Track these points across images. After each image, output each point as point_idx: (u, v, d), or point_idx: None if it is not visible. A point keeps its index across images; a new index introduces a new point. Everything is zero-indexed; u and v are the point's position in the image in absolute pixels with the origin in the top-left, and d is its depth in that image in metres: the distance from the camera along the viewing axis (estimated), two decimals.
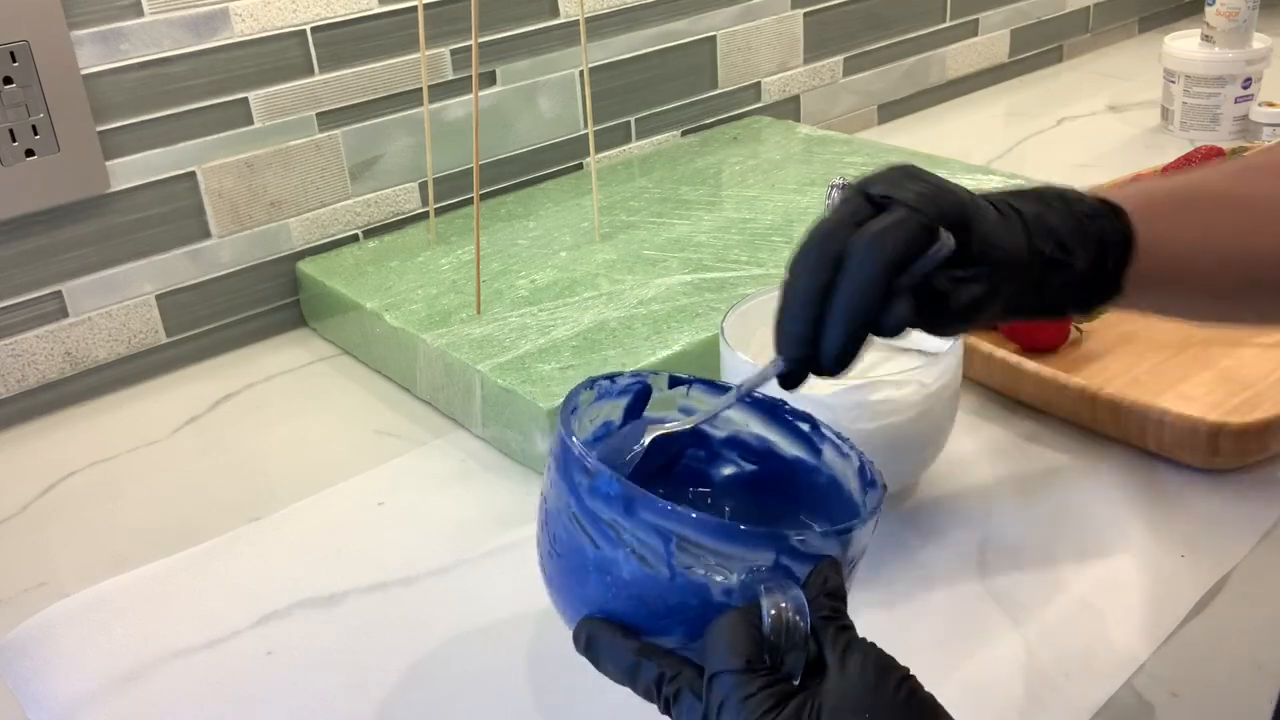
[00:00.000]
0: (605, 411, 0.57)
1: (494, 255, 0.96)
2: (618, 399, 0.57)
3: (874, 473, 0.53)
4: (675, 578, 0.45)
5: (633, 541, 0.45)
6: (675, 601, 0.45)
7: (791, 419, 0.58)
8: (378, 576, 0.68)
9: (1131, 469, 0.73)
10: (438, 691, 0.60)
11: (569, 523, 0.48)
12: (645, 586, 0.46)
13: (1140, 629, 0.61)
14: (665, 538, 0.45)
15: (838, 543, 0.47)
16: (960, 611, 0.63)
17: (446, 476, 0.78)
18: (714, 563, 0.45)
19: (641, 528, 0.45)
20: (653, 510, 0.45)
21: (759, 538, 0.45)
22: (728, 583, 0.45)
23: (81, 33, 0.84)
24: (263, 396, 0.91)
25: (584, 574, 0.47)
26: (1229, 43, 1.24)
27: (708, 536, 0.45)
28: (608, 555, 0.46)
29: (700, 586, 0.45)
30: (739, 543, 0.45)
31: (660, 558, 0.45)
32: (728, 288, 0.88)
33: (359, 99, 1.00)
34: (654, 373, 0.58)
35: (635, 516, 0.45)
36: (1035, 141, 1.31)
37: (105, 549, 0.73)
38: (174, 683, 0.61)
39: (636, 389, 0.57)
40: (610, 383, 0.56)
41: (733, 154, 1.16)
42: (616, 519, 0.46)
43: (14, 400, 0.88)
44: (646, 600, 0.46)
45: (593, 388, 0.55)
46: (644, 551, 0.45)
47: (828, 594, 0.45)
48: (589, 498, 0.46)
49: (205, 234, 0.94)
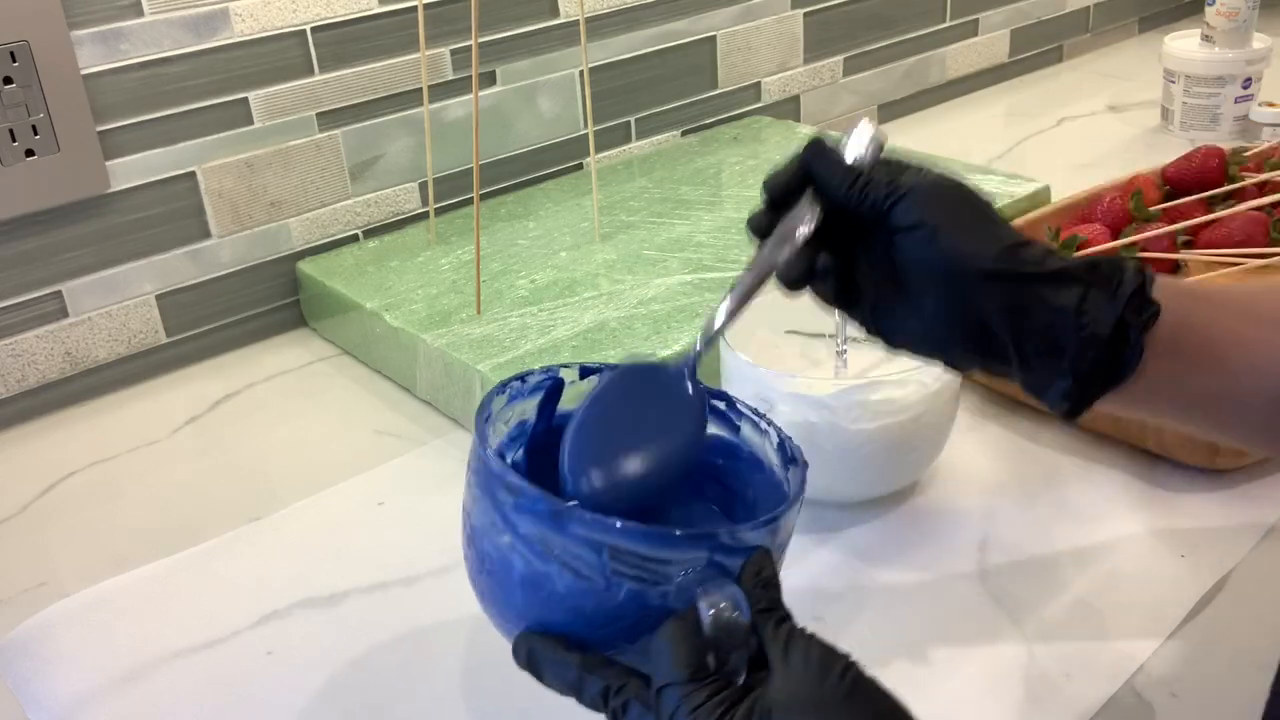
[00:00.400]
0: (519, 411, 0.56)
1: (494, 255, 0.96)
2: (530, 397, 0.57)
3: (794, 449, 0.52)
4: (611, 587, 0.45)
5: (564, 555, 0.45)
6: (613, 609, 0.45)
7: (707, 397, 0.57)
8: (378, 576, 0.68)
9: (1131, 469, 0.73)
10: (438, 691, 0.60)
11: (497, 539, 0.47)
12: (581, 598, 0.45)
13: (1140, 629, 0.61)
14: (597, 549, 0.44)
15: (767, 532, 0.47)
16: (960, 611, 0.63)
17: (446, 476, 0.78)
18: (648, 568, 0.44)
19: (573, 541, 0.45)
20: (581, 523, 0.44)
21: (691, 540, 0.45)
22: (664, 586, 0.45)
23: (81, 33, 0.84)
24: (263, 396, 0.91)
25: (517, 589, 0.47)
26: (1229, 43, 1.24)
27: (641, 544, 0.44)
28: (539, 569, 0.46)
29: (636, 593, 0.45)
30: (671, 546, 0.45)
31: (594, 569, 0.45)
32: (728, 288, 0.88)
33: (359, 99, 1.00)
34: (564, 365, 0.57)
35: (564, 531, 0.45)
36: (1035, 141, 1.31)
37: (105, 549, 0.73)
38: (174, 683, 0.61)
39: (548, 385, 0.57)
40: (521, 383, 0.56)
41: (733, 154, 1.16)
42: (546, 534, 0.45)
43: (14, 400, 0.88)
44: (584, 611, 0.46)
45: (504, 391, 0.55)
46: (576, 564, 0.45)
47: (762, 585, 0.46)
48: (514, 514, 0.46)
49: (205, 234, 0.94)
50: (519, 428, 0.57)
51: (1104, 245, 0.91)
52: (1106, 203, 0.97)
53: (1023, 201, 1.02)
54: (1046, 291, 0.47)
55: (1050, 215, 0.97)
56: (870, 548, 0.68)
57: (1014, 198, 1.02)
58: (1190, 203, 0.98)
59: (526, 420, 0.57)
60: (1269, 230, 0.93)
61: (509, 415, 0.56)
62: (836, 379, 0.67)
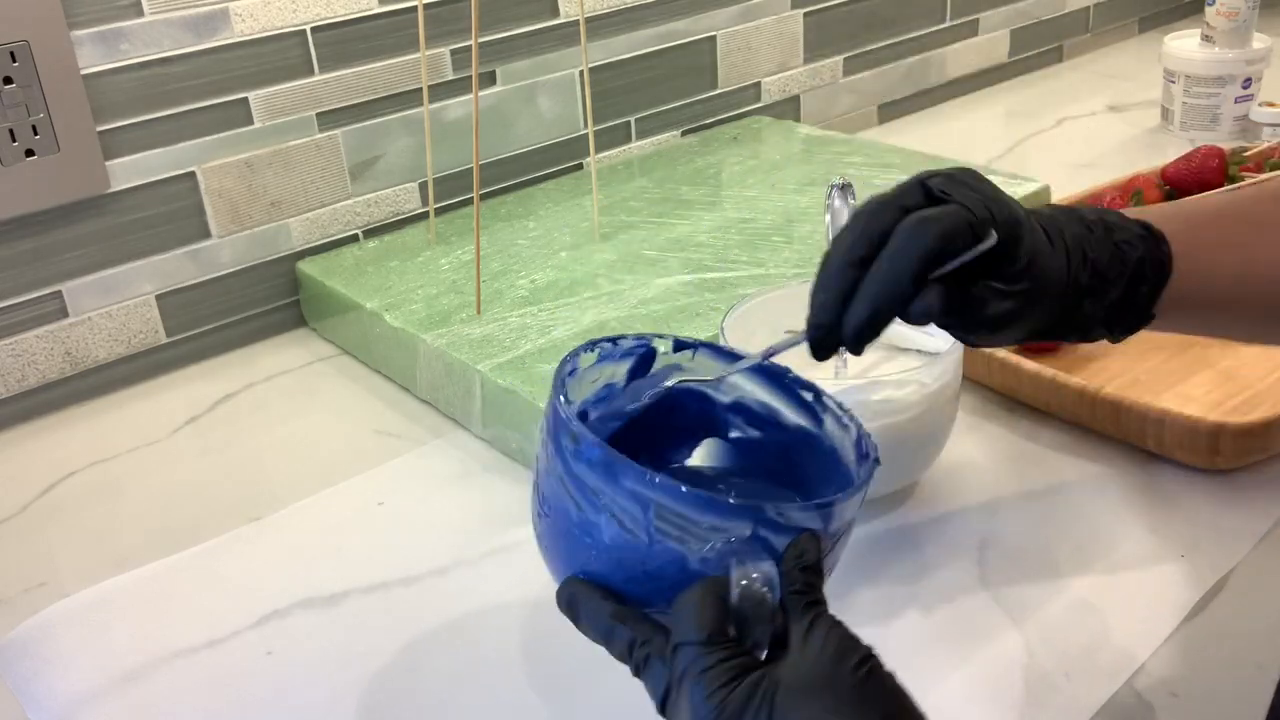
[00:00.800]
0: (607, 374, 0.57)
1: (494, 255, 0.96)
2: (620, 361, 0.57)
3: (869, 445, 0.53)
4: (653, 544, 0.46)
5: (613, 507, 0.46)
6: (653, 567, 0.46)
7: (795, 387, 0.58)
8: (378, 576, 0.68)
9: (1131, 469, 0.73)
10: (438, 691, 0.60)
11: (556, 484, 0.49)
12: (625, 551, 0.46)
13: (1140, 629, 0.61)
14: (644, 505, 0.45)
15: (818, 516, 0.47)
16: (960, 611, 0.63)
17: (446, 476, 0.78)
18: (691, 532, 0.45)
19: (622, 494, 0.46)
20: (632, 478, 0.45)
21: (736, 509, 0.46)
22: (704, 552, 0.45)
23: (81, 33, 0.84)
24: (263, 396, 0.91)
25: (569, 535, 0.48)
26: (1229, 43, 1.24)
27: (686, 506, 0.45)
28: (590, 518, 0.47)
29: (677, 554, 0.45)
30: (716, 513, 0.45)
31: (639, 524, 0.46)
32: (728, 288, 0.88)
33: (359, 99, 1.00)
34: (659, 336, 0.58)
35: (616, 483, 0.46)
36: (1035, 141, 1.31)
37: (105, 549, 0.73)
38: (174, 683, 0.61)
39: (640, 352, 0.57)
40: (613, 345, 0.56)
41: (733, 154, 1.16)
42: (599, 484, 0.46)
43: (14, 400, 0.88)
44: (626, 564, 0.47)
45: (594, 349, 0.56)
46: (624, 517, 0.46)
47: (802, 568, 0.45)
48: (574, 461, 0.47)
49: (205, 234, 0.94)
50: (606, 389, 0.57)
51: None
52: (1106, 203, 0.97)
53: (1023, 202, 1.01)
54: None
55: None
56: (870, 548, 0.68)
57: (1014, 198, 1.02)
58: None
59: (615, 383, 0.58)
60: None
61: (596, 376, 0.57)
62: (836, 379, 0.67)
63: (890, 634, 0.62)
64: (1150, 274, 0.55)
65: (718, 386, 0.59)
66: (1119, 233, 0.55)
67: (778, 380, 0.58)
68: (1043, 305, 0.52)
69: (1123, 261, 0.54)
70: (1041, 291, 0.52)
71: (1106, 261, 0.54)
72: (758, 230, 0.98)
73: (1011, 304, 0.51)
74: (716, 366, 0.58)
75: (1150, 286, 0.55)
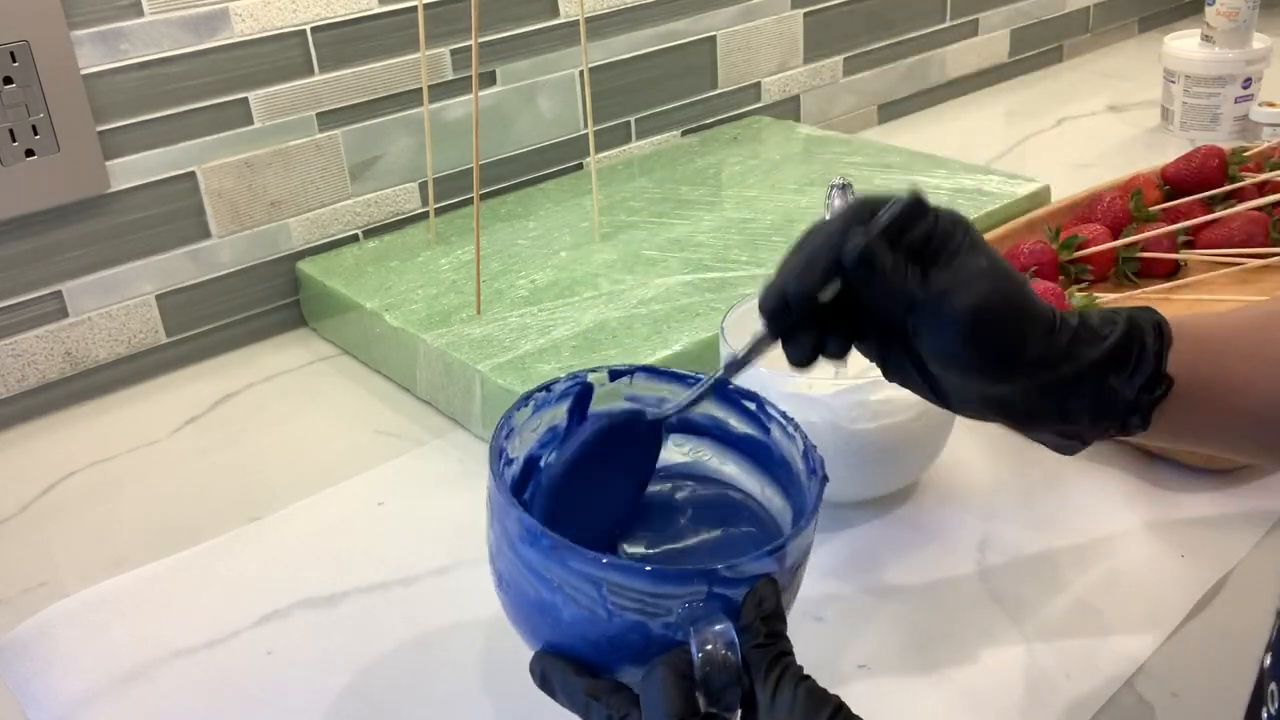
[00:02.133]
0: (548, 419, 0.57)
1: (494, 255, 0.96)
2: (559, 404, 0.57)
3: (815, 460, 0.53)
4: (613, 618, 0.45)
5: (566, 587, 0.46)
6: (617, 638, 0.46)
7: (738, 396, 0.58)
8: (378, 576, 0.68)
9: (1131, 469, 0.73)
10: (438, 691, 0.60)
11: (509, 564, 0.48)
12: (586, 627, 0.46)
13: (1140, 629, 0.61)
14: (596, 585, 0.45)
15: (772, 560, 0.47)
16: (960, 611, 0.63)
17: (446, 476, 0.78)
18: (648, 603, 0.45)
19: (573, 575, 0.45)
20: (581, 560, 0.45)
21: (687, 576, 0.45)
22: (665, 618, 0.45)
23: (81, 33, 0.84)
24: (263, 396, 0.91)
25: (529, 612, 0.48)
26: (1229, 43, 1.24)
27: (637, 581, 0.45)
28: (546, 598, 0.47)
29: (638, 624, 0.45)
30: (669, 583, 0.45)
31: (596, 602, 0.45)
32: (728, 288, 0.88)
33: (359, 99, 1.00)
34: (591, 370, 0.57)
35: (565, 566, 0.46)
36: (1035, 141, 1.31)
37: (105, 549, 0.73)
38: (174, 683, 0.61)
39: (577, 390, 0.57)
40: (547, 392, 0.56)
41: (733, 154, 1.16)
42: (549, 565, 0.46)
43: (14, 400, 0.88)
44: (590, 638, 0.46)
45: (528, 403, 0.56)
46: (579, 596, 0.46)
47: (764, 618, 0.45)
48: (520, 545, 0.47)
49: (205, 234, 0.94)
50: (550, 433, 0.58)
51: (1104, 245, 0.91)
52: (1106, 203, 0.97)
53: (1023, 201, 1.02)
54: (1069, 389, 0.49)
55: (1050, 215, 0.97)
56: (870, 548, 0.68)
57: (1014, 198, 1.02)
58: (1190, 203, 0.98)
59: (558, 425, 0.58)
60: (1269, 230, 0.93)
61: (536, 424, 0.57)
62: (836, 379, 0.67)
63: (890, 634, 0.62)
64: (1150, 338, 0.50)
65: (647, 410, 0.58)
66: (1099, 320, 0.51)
67: (719, 391, 0.58)
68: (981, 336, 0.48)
69: (1112, 321, 0.50)
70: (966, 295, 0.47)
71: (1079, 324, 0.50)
72: (758, 230, 0.98)
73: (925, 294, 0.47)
74: (661, 388, 0.58)
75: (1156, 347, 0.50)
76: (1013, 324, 0.48)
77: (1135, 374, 0.49)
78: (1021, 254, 0.89)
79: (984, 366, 0.48)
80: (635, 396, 0.58)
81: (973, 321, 0.47)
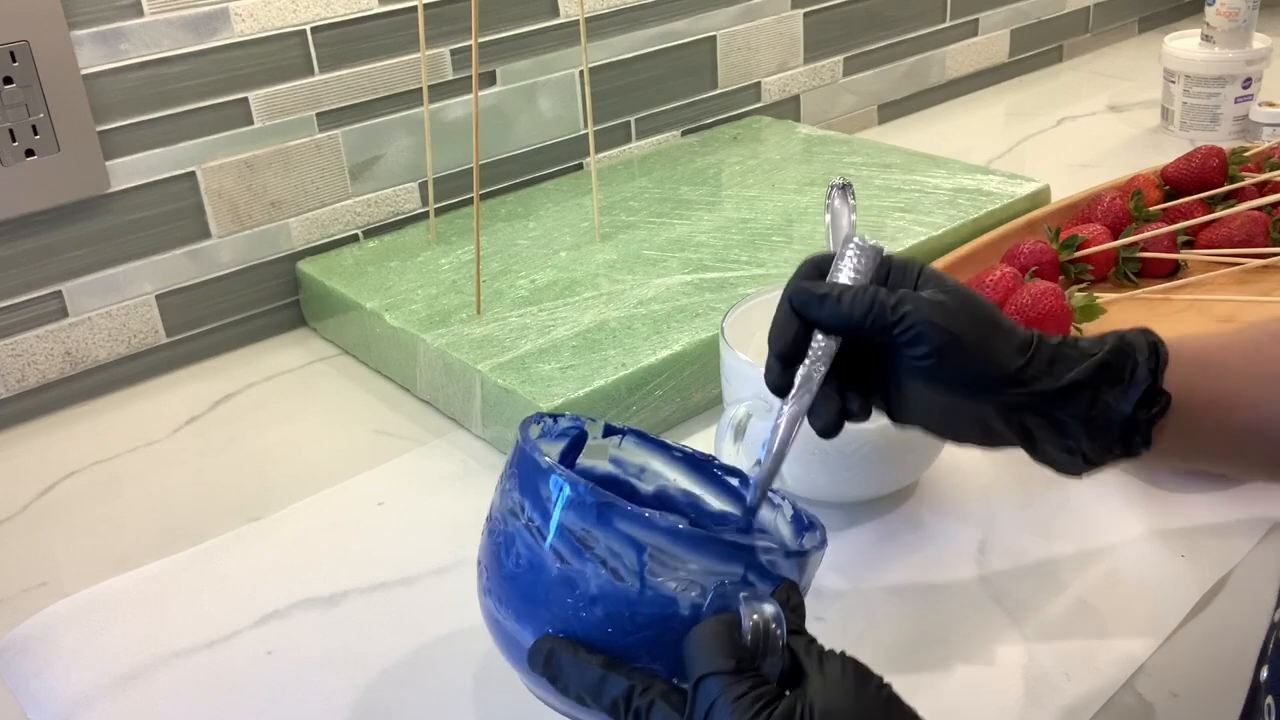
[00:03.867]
0: (544, 452, 0.57)
1: (494, 255, 0.96)
2: (555, 441, 0.57)
3: (809, 516, 0.54)
4: (645, 590, 0.45)
5: (604, 554, 0.46)
6: (642, 616, 0.46)
7: (720, 474, 0.59)
8: (378, 576, 0.68)
9: (1131, 469, 0.73)
10: (438, 691, 0.60)
11: (527, 544, 0.48)
12: (613, 602, 0.46)
13: (1140, 629, 0.61)
14: (639, 548, 0.45)
15: (796, 565, 0.48)
16: (960, 611, 0.63)
17: (446, 476, 0.78)
18: (685, 575, 0.45)
19: (615, 538, 0.45)
20: (628, 519, 0.45)
21: (730, 549, 0.46)
22: (695, 598, 0.45)
23: (81, 33, 0.84)
24: (263, 396, 0.91)
25: (546, 593, 0.47)
26: (1229, 43, 1.24)
27: (682, 546, 0.45)
28: (575, 569, 0.46)
29: (669, 600, 0.45)
30: (711, 554, 0.45)
31: (632, 570, 0.45)
32: (728, 288, 0.88)
33: (359, 99, 1.00)
34: (590, 420, 0.58)
35: (609, 526, 0.45)
36: (1035, 141, 1.31)
37: (105, 549, 0.73)
38: (174, 683, 0.61)
39: (573, 434, 0.58)
40: (553, 422, 0.57)
41: (733, 154, 1.16)
42: (589, 530, 0.46)
43: (14, 400, 0.88)
44: (612, 616, 0.46)
45: (539, 422, 0.56)
46: (615, 564, 0.45)
47: (792, 609, 0.46)
48: (563, 510, 0.46)
49: (205, 234, 0.94)
50: None
51: (1104, 245, 0.91)
52: (1106, 203, 0.97)
53: (1023, 201, 1.02)
54: (1057, 406, 0.51)
55: (1050, 215, 0.97)
56: (870, 548, 0.68)
57: (1014, 198, 1.02)
58: (1190, 203, 0.98)
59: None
60: (1269, 230, 0.93)
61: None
62: None
63: (890, 634, 0.62)
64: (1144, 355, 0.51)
65: (630, 481, 0.59)
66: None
67: (702, 468, 0.59)
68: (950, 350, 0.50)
69: (1102, 341, 0.52)
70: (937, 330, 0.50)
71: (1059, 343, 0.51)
72: (758, 230, 0.98)
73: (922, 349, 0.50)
74: (648, 456, 0.58)
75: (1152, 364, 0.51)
76: (983, 334, 0.50)
77: (1130, 389, 0.50)
78: (1021, 254, 0.89)
79: (965, 380, 0.51)
80: (619, 460, 0.59)
81: (943, 333, 0.50)
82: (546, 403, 0.74)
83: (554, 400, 0.75)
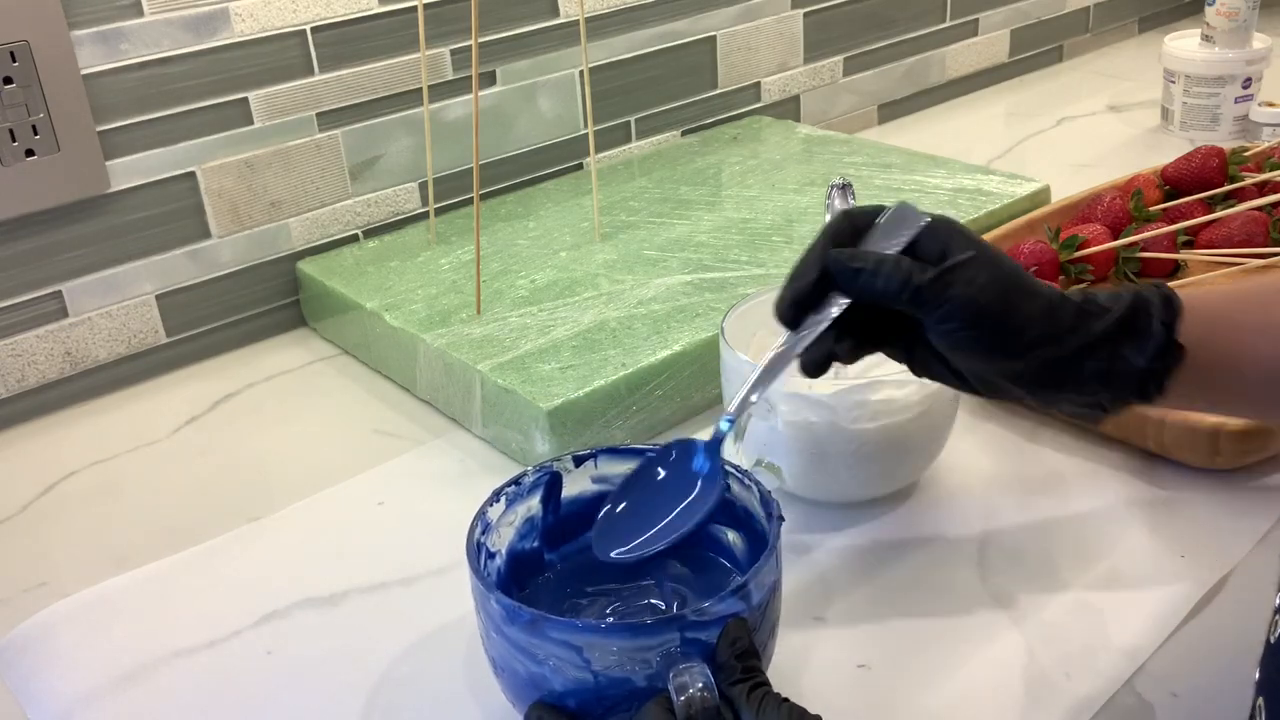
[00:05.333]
0: (522, 512, 0.60)
1: (494, 255, 0.96)
2: (531, 495, 0.59)
3: (772, 503, 0.55)
4: (599, 678, 0.48)
5: (552, 657, 0.49)
6: (608, 697, 0.49)
7: (679, 452, 0.59)
8: (378, 576, 0.68)
9: (1131, 469, 0.73)
10: (437, 691, 0.60)
11: (498, 646, 0.51)
12: (578, 692, 0.49)
13: (1140, 629, 0.61)
14: (577, 649, 0.48)
15: (737, 600, 0.50)
16: (960, 611, 0.63)
17: (446, 476, 0.78)
18: (627, 658, 0.48)
19: (555, 645, 0.49)
20: (559, 628, 0.49)
21: (657, 628, 0.49)
22: (647, 670, 0.48)
23: (81, 33, 0.84)
24: (263, 396, 0.91)
25: (524, 686, 0.51)
26: (1229, 43, 1.24)
27: (613, 638, 0.49)
28: (535, 671, 0.50)
29: (624, 680, 0.48)
30: (641, 635, 0.48)
31: (580, 666, 0.49)
32: (728, 288, 0.88)
33: (359, 99, 1.00)
34: (555, 459, 0.60)
35: (544, 636, 0.49)
36: (1035, 141, 1.31)
37: (105, 549, 0.73)
38: (174, 683, 0.61)
39: (546, 480, 0.60)
40: (516, 486, 0.59)
41: (733, 154, 1.16)
42: (530, 640, 0.49)
43: (14, 400, 0.88)
44: (582, 701, 0.49)
45: (499, 500, 0.58)
46: (564, 664, 0.49)
47: (738, 656, 0.48)
48: (505, 627, 0.50)
49: (205, 234, 0.94)
50: (528, 524, 0.60)
51: (1104, 245, 0.91)
52: (1106, 203, 0.97)
53: (1023, 201, 1.02)
54: (1079, 362, 0.52)
55: (1050, 215, 0.97)
56: (870, 548, 0.68)
57: (1014, 198, 1.02)
58: (1190, 203, 0.98)
59: (534, 516, 0.60)
60: (1269, 230, 0.93)
61: (512, 518, 0.59)
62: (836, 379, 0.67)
63: (890, 634, 0.62)
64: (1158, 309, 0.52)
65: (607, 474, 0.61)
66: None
67: (664, 456, 0.59)
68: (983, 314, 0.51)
69: (1119, 297, 0.53)
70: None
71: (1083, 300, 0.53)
72: (758, 230, 0.98)
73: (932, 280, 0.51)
74: (627, 466, 0.59)
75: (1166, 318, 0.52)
76: (1012, 304, 0.51)
77: (1145, 343, 0.52)
78: (1021, 254, 0.89)
79: (993, 347, 0.52)
80: (603, 477, 0.60)
81: (975, 308, 0.51)
82: (546, 403, 0.74)
83: (554, 400, 0.75)
